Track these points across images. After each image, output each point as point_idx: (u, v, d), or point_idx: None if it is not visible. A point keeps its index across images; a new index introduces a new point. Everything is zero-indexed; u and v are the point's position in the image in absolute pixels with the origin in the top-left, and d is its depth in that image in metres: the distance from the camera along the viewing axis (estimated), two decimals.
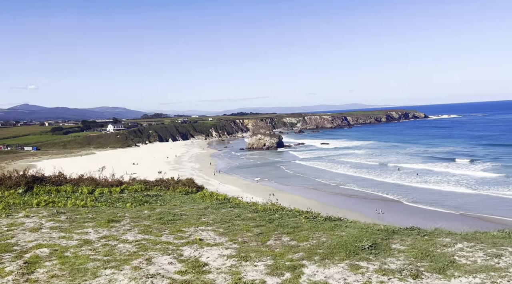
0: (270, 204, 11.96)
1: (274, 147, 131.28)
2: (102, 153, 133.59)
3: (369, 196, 52.19)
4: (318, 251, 6.75)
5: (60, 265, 6.40)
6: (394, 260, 6.24)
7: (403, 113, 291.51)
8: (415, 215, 39.93)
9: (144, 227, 8.78)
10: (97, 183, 15.45)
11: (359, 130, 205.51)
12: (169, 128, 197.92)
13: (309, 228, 8.28)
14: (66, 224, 9.16)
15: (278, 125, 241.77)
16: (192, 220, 9.36)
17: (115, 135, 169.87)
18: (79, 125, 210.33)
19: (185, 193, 14.48)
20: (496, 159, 75.57)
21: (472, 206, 43.32)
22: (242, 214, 9.90)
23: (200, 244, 7.44)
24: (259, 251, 6.87)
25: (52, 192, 13.76)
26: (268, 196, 19.61)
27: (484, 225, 29.01)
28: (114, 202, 12.18)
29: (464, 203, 45.04)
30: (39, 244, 7.59)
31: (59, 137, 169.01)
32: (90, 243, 7.66)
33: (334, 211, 11.85)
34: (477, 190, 51.01)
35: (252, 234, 8.03)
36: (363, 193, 54.15)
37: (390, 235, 7.53)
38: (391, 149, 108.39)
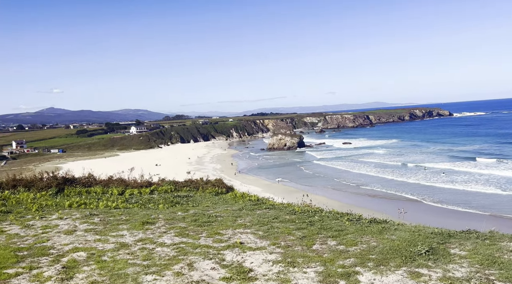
0: (305, 205, 11.51)
1: (295, 147, 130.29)
2: (126, 155, 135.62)
3: (392, 196, 50.89)
4: (371, 257, 6.26)
5: (99, 270, 6.13)
6: (458, 267, 5.69)
7: (427, 111, 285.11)
8: (441, 215, 38.63)
9: (180, 230, 8.47)
10: (127, 184, 15.34)
11: (381, 129, 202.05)
12: (191, 129, 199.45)
13: (355, 231, 7.78)
14: (100, 227, 8.95)
15: (298, 125, 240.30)
16: (228, 222, 9.00)
17: (138, 136, 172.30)
18: (103, 128, 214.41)
19: (215, 194, 14.17)
20: None
21: (502, 206, 41.53)
22: (279, 216, 9.48)
23: (241, 248, 7.06)
24: (306, 256, 6.43)
25: (82, 193, 13.69)
26: (302, 197, 19.14)
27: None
28: (146, 203, 11.97)
29: (493, 203, 43.23)
30: (75, 247, 7.37)
31: (84, 139, 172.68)
32: (127, 246, 7.39)
33: (358, 211, 11.31)
34: (506, 191, 48.98)
35: (294, 237, 7.59)
36: (386, 193, 52.85)
37: (446, 239, 6.96)
38: (415, 148, 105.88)
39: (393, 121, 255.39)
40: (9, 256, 6.83)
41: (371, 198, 51.01)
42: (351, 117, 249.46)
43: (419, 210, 42.19)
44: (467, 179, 58.20)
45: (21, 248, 7.29)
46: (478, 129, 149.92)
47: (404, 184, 57.90)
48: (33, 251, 7.14)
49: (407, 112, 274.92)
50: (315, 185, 62.47)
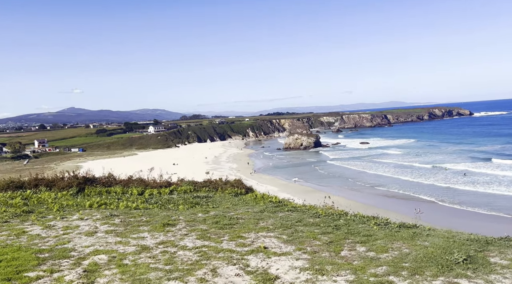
0: (328, 207, 11.18)
1: (311, 146, 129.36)
2: (144, 154, 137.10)
3: (410, 197, 49.83)
4: (404, 265, 5.91)
5: (120, 275, 5.95)
6: (501, 278, 5.30)
7: (447, 111, 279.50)
8: (462, 217, 37.67)
9: (201, 232, 8.26)
10: (146, 184, 15.25)
11: (400, 128, 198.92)
12: (207, 129, 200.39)
13: (385, 236, 7.43)
14: (121, 228, 8.82)
15: (315, 125, 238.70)
16: (251, 225, 8.75)
17: (156, 136, 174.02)
18: (122, 127, 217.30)
19: (234, 195, 13.94)
20: None
21: None
22: (302, 219, 9.18)
23: (265, 252, 6.79)
24: (334, 264, 6.12)
25: (102, 193, 13.66)
26: (323, 198, 18.79)
27: None
28: (165, 204, 11.83)
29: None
30: (96, 250, 7.23)
31: (103, 138, 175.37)
32: (148, 249, 7.21)
33: (376, 211, 10.95)
34: None
35: (320, 242, 7.28)
36: (404, 194, 51.76)
37: (484, 247, 6.56)
38: (434, 148, 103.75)
39: (411, 120, 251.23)
40: (30, 258, 6.73)
41: (388, 199, 50.11)
42: (369, 117, 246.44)
43: (439, 211, 41.26)
44: (489, 181, 56.57)
45: (43, 250, 7.19)
46: (499, 129, 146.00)
47: (422, 185, 56.68)
48: (54, 253, 7.03)
49: (426, 112, 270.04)
50: (332, 185, 61.79)
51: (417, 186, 56.49)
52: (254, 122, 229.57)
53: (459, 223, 25.35)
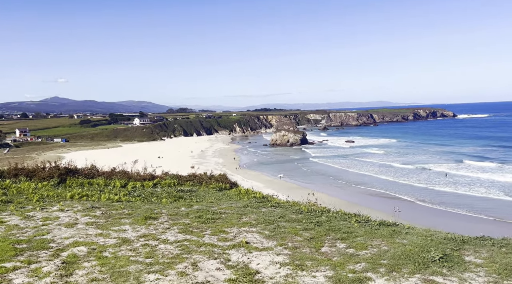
0: (311, 204, 11.27)
1: (297, 143, 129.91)
2: (129, 146, 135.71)
3: (391, 196, 50.51)
4: (382, 262, 6.01)
5: (99, 267, 5.91)
6: (474, 276, 5.44)
7: (431, 112, 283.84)
8: (441, 217, 38.43)
9: (184, 226, 8.25)
10: (129, 176, 15.12)
11: (385, 128, 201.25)
12: (194, 122, 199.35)
13: (365, 233, 7.53)
14: (102, 220, 8.74)
15: (302, 122, 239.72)
16: (233, 220, 8.77)
17: (141, 128, 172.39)
18: (107, 118, 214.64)
19: (218, 189, 13.95)
20: None
21: (506, 212, 41.00)
22: (285, 215, 9.24)
23: (247, 247, 6.82)
24: (314, 259, 6.19)
25: (84, 184, 13.50)
26: (307, 195, 18.89)
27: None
28: (148, 197, 11.76)
29: (496, 208, 42.67)
30: (76, 241, 7.16)
31: (87, 129, 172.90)
32: (129, 242, 7.17)
33: (358, 209, 11.15)
34: (510, 196, 48.39)
35: (302, 238, 7.35)
36: (385, 193, 52.40)
37: (460, 245, 6.71)
38: (418, 148, 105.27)
39: (396, 120, 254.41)
40: (7, 248, 6.63)
41: (371, 197, 50.70)
42: (355, 115, 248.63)
43: (419, 211, 41.93)
44: (470, 182, 57.71)
45: (20, 241, 7.08)
46: (481, 131, 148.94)
47: (404, 185, 57.46)
48: (32, 244, 6.94)
49: (411, 112, 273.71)
50: (316, 183, 62.21)
51: (399, 185, 57.26)
52: (242, 117, 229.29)
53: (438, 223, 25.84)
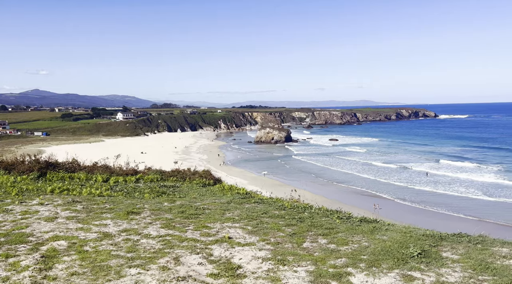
0: (294, 200, 11.37)
1: (282, 141, 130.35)
2: (111, 141, 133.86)
3: (373, 194, 51.29)
4: (362, 257, 6.12)
5: (80, 261, 5.85)
6: (451, 272, 5.58)
7: (413, 112, 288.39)
8: (420, 214, 39.23)
9: (166, 221, 8.21)
10: (112, 171, 14.96)
11: (368, 127, 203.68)
12: (178, 118, 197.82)
13: (346, 230, 7.64)
14: (83, 214, 8.63)
15: (287, 119, 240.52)
16: (216, 215, 8.77)
17: (125, 123, 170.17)
18: (89, 112, 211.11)
19: (202, 185, 13.92)
20: (501, 163, 73.44)
21: (484, 211, 42.09)
22: (268, 211, 9.29)
23: (230, 243, 6.84)
24: (296, 254, 6.25)
25: (65, 179, 13.30)
26: (290, 192, 19.01)
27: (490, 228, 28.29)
28: (131, 192, 11.66)
29: (475, 207, 43.74)
30: (56, 235, 7.06)
31: (69, 123, 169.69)
32: (110, 236, 7.11)
33: (340, 206, 11.34)
34: (488, 196, 49.62)
35: (284, 234, 7.41)
36: (367, 192, 53.15)
37: (438, 242, 6.86)
38: (400, 148, 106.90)
39: (379, 120, 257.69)
40: None
41: (353, 195, 51.41)
42: (339, 114, 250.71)
43: (400, 209, 42.69)
44: (450, 181, 58.93)
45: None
46: (461, 132, 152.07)
47: (386, 184, 58.32)
48: (10, 238, 6.81)
49: (393, 112, 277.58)
50: (300, 180, 62.64)
51: (380, 184, 58.08)
52: (227, 114, 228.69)
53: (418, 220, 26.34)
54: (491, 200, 46.99)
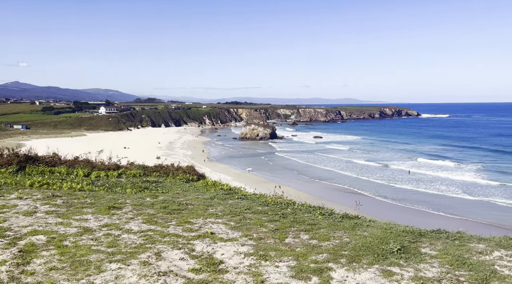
0: (278, 196, 11.41)
1: (267, 138, 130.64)
2: (93, 135, 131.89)
3: (355, 192, 51.89)
4: (343, 253, 6.19)
5: (59, 256, 5.76)
6: (429, 267, 5.70)
7: (396, 110, 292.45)
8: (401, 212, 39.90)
9: (148, 216, 8.15)
10: (93, 166, 14.75)
11: (352, 125, 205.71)
12: (162, 113, 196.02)
13: (328, 226, 7.72)
14: (63, 209, 8.49)
15: (272, 116, 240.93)
16: (199, 211, 8.75)
17: (107, 117, 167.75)
18: (71, 106, 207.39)
19: (185, 181, 13.86)
20: (480, 162, 75.28)
21: (464, 209, 43.05)
22: (251, 206, 9.31)
23: (212, 238, 6.84)
24: (278, 250, 6.29)
25: (45, 173, 13.05)
26: (274, 188, 19.07)
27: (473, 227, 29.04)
28: (112, 187, 11.52)
29: (455, 206, 44.69)
30: (35, 230, 6.93)
31: (50, 117, 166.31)
32: (91, 231, 7.01)
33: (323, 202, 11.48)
34: (468, 194, 50.75)
35: (267, 229, 7.44)
36: (349, 189, 53.73)
37: (417, 238, 7.00)
38: (382, 146, 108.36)
39: (363, 118, 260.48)
40: None
41: (336, 192, 51.86)
42: (324, 112, 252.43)
43: (381, 207, 43.25)
44: (432, 179, 59.99)
45: None
46: (442, 131, 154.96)
47: (367, 181, 59.02)
48: None
49: (377, 110, 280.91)
50: (284, 177, 62.94)
51: (362, 182, 58.74)
52: (212, 109, 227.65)
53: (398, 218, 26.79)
54: (470, 199, 48.08)
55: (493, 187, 54.22)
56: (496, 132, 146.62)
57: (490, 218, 38.51)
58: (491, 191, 51.79)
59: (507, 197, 47.88)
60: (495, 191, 51.72)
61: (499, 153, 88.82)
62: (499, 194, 49.63)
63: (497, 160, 78.48)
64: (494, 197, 47.99)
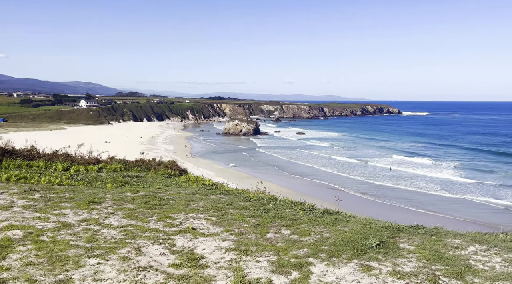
0: (260, 192, 11.45)
1: (250, 133, 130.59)
2: (73, 129, 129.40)
3: (336, 189, 52.44)
4: (323, 248, 6.27)
5: (36, 251, 5.65)
6: (406, 262, 5.82)
7: (378, 108, 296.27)
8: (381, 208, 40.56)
9: (128, 211, 8.07)
10: (73, 160, 14.50)
11: (334, 121, 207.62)
12: (144, 107, 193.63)
13: (309, 221, 7.79)
14: (41, 203, 8.32)
15: (255, 112, 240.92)
16: (181, 206, 8.70)
17: (88, 111, 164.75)
18: (50, 99, 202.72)
19: (167, 176, 13.76)
20: (458, 160, 77.09)
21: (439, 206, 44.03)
22: (233, 202, 9.32)
23: (193, 233, 6.82)
24: (259, 245, 6.32)
25: (23, 166, 12.76)
26: (256, 184, 19.12)
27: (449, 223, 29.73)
28: (92, 182, 11.35)
29: (432, 202, 45.64)
30: (11, 224, 6.78)
31: (28, 109, 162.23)
32: (69, 226, 6.90)
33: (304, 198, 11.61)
34: (446, 192, 51.92)
35: (248, 225, 7.46)
36: (330, 186, 54.27)
37: (396, 233, 7.14)
38: (364, 143, 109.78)
39: (345, 115, 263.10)
40: None
41: (318, 188, 52.28)
42: (307, 108, 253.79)
43: (361, 203, 43.85)
44: (412, 176, 61.01)
45: None
46: (422, 129, 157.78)
47: (348, 178, 59.56)
48: None
49: (359, 107, 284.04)
50: (267, 172, 63.12)
51: (343, 178, 59.15)
52: (195, 104, 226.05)
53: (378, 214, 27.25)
54: (448, 196, 49.19)
55: (470, 184, 55.58)
56: (473, 130, 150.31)
57: (467, 215, 39.51)
58: (468, 188, 53.11)
59: (483, 194, 49.19)
60: (472, 188, 53.06)
61: (475, 151, 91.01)
62: (476, 191, 50.95)
63: (474, 158, 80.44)
64: (471, 194, 49.26)
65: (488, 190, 51.46)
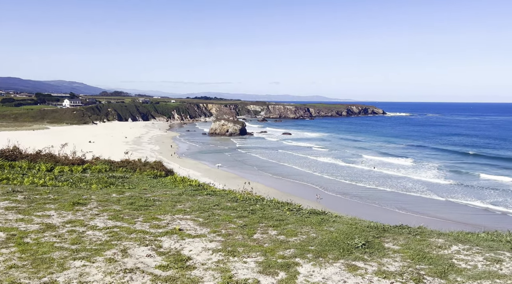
0: (247, 192, 11.46)
1: (237, 134, 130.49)
2: (57, 129, 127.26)
3: (321, 189, 52.83)
4: (310, 248, 6.31)
5: (19, 254, 5.56)
6: (391, 262, 5.91)
7: (363, 108, 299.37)
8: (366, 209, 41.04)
9: (114, 213, 7.99)
10: (57, 160, 14.27)
11: (320, 122, 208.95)
12: (129, 107, 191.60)
13: (295, 221, 7.84)
14: (24, 205, 8.18)
15: (242, 112, 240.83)
16: (167, 207, 8.66)
17: (72, 110, 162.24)
18: (33, 98, 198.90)
19: (153, 177, 13.66)
20: (441, 161, 78.32)
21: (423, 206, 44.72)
22: (220, 202, 9.31)
23: (180, 234, 6.79)
24: (246, 246, 6.33)
25: (5, 167, 12.51)
26: (243, 184, 19.12)
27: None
28: (77, 182, 11.19)
29: (413, 201, 46.34)
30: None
31: (10, 108, 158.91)
32: (54, 228, 6.80)
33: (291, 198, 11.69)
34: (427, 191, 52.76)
35: (235, 225, 7.47)
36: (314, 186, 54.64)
37: (381, 233, 7.23)
38: (349, 144, 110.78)
39: (331, 115, 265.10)
40: None
41: (304, 188, 52.64)
42: (293, 109, 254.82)
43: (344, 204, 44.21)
44: (397, 177, 61.73)
45: None
46: (407, 131, 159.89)
47: (331, 180, 59.98)
48: None
49: (344, 108, 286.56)
50: (254, 173, 63.18)
51: (326, 180, 59.53)
52: (181, 104, 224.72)
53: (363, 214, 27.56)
54: (432, 197, 49.99)
55: (452, 185, 56.58)
56: (455, 131, 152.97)
57: (450, 215, 40.25)
58: (451, 189, 54.09)
59: (465, 195, 50.19)
60: (454, 189, 54.06)
61: (455, 153, 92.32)
62: (460, 191, 52.01)
63: (455, 160, 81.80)
64: (454, 194, 50.23)
65: (470, 191, 52.54)
